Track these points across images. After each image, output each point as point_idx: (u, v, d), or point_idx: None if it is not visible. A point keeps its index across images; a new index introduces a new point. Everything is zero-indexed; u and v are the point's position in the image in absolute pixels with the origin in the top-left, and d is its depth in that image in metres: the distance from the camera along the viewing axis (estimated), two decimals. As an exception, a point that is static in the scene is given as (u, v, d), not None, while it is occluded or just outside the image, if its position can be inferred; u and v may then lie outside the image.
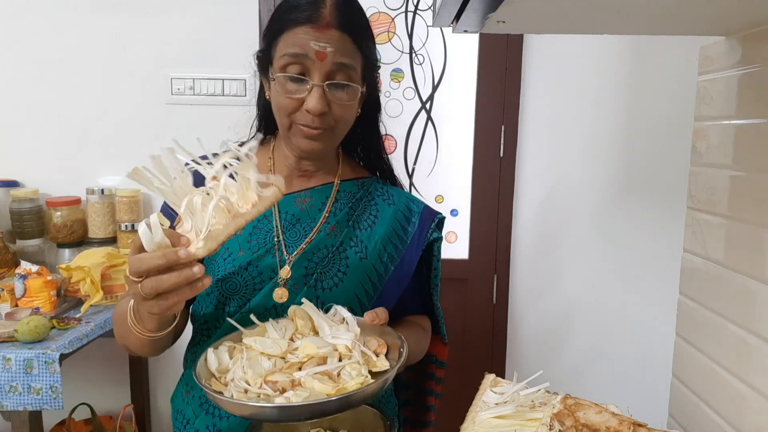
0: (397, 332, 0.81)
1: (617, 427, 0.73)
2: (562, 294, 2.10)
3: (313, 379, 0.69)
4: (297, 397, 0.66)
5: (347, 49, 0.85)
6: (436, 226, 1.01)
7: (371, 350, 0.77)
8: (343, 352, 0.75)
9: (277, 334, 0.79)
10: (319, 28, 0.82)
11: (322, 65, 0.83)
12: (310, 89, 0.84)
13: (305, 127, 0.86)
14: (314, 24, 0.82)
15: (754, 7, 0.77)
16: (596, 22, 0.85)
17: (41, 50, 1.98)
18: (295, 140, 0.89)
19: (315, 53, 0.82)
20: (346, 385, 0.69)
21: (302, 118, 0.86)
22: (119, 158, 2.03)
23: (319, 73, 0.83)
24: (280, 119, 0.89)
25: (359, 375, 0.71)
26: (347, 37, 0.84)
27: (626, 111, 1.99)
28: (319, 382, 0.69)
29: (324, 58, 0.83)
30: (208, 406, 0.89)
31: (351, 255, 0.93)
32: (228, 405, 0.67)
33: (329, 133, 0.89)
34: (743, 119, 0.92)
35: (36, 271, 1.62)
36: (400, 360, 0.74)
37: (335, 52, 0.83)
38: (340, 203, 0.96)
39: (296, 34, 0.83)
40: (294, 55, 0.83)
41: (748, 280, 0.88)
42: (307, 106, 0.84)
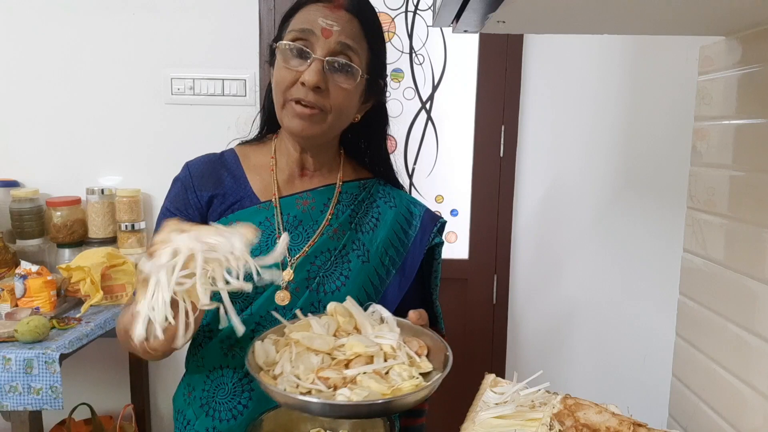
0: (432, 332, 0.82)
1: (617, 427, 0.73)
2: (562, 294, 2.10)
3: (369, 379, 0.69)
4: (357, 396, 0.67)
5: (354, 32, 0.86)
6: (438, 231, 1.01)
7: (413, 351, 0.78)
8: (387, 352, 0.76)
9: (322, 329, 0.79)
10: (329, 7, 0.84)
11: (326, 42, 0.84)
12: (309, 63, 0.84)
13: (297, 103, 0.85)
14: (326, 2, 0.84)
15: (754, 7, 0.77)
16: (596, 22, 0.85)
17: (41, 50, 1.98)
18: (287, 120, 0.88)
19: (321, 30, 0.83)
20: (400, 386, 0.70)
21: (296, 92, 0.85)
22: (119, 158, 2.03)
23: (322, 49, 0.84)
24: (276, 97, 0.89)
25: (411, 377, 0.72)
26: (356, 21, 0.86)
27: (626, 111, 1.99)
28: (375, 381, 0.69)
29: (329, 35, 0.84)
30: (209, 408, 0.89)
31: (353, 259, 0.93)
32: (287, 399, 0.68)
33: (322, 117, 0.87)
34: (743, 119, 0.92)
35: (36, 271, 1.62)
36: (448, 364, 0.74)
37: (341, 32, 0.84)
38: (342, 205, 0.96)
39: (308, 11, 0.85)
40: (301, 30, 0.84)
41: (748, 280, 0.88)
42: (303, 77, 0.83)
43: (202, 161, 0.97)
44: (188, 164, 0.97)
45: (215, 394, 0.89)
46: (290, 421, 0.84)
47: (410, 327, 0.82)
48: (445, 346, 0.78)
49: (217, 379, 0.90)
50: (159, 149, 1.99)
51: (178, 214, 0.92)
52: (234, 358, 0.89)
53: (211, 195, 0.93)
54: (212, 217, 0.93)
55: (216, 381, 0.90)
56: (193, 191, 0.93)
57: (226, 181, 0.95)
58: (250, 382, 0.88)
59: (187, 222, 0.73)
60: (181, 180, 0.95)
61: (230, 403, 0.88)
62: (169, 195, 0.96)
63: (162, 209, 0.96)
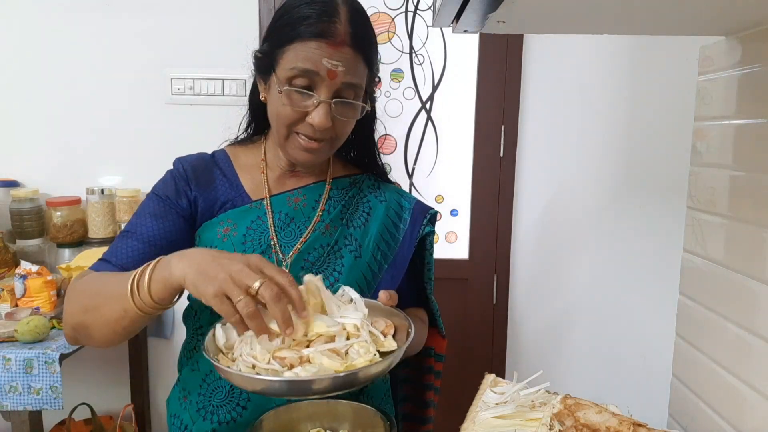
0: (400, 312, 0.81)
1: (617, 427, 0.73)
2: (562, 294, 2.10)
3: (321, 356, 0.69)
4: (306, 372, 0.67)
5: (358, 69, 0.84)
6: (429, 221, 1.01)
7: (379, 330, 0.77)
8: (351, 332, 0.75)
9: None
10: (332, 45, 0.80)
11: (332, 83, 0.82)
12: (316, 104, 0.83)
13: (305, 138, 0.86)
14: (328, 40, 0.80)
15: (754, 7, 0.77)
16: (596, 22, 0.85)
17: (41, 50, 1.98)
18: (291, 151, 0.89)
19: (327, 72, 0.81)
20: (355, 362, 0.70)
21: (304, 129, 0.85)
22: (119, 158, 2.03)
23: (328, 90, 0.82)
24: (277, 128, 0.87)
25: (367, 353, 0.72)
26: (359, 56, 0.83)
27: (626, 111, 1.99)
28: (328, 358, 0.69)
29: (335, 77, 0.81)
30: (206, 412, 0.89)
31: (346, 254, 0.93)
32: (237, 379, 0.67)
33: (327, 146, 0.89)
34: (743, 119, 0.91)
35: (36, 271, 1.62)
36: (408, 339, 0.74)
37: (346, 72, 0.82)
38: (333, 201, 0.97)
39: (308, 48, 0.80)
40: (304, 70, 0.81)
41: (748, 280, 0.88)
42: (312, 120, 0.83)
43: (194, 158, 0.97)
44: (180, 159, 0.97)
45: (212, 398, 0.89)
46: (290, 421, 0.84)
47: (381, 308, 0.81)
48: (409, 324, 0.78)
49: (214, 382, 0.89)
50: (159, 149, 1.97)
51: (167, 201, 0.91)
52: None
53: (203, 193, 0.93)
54: (204, 216, 0.92)
55: (212, 384, 0.89)
56: (185, 182, 0.93)
57: (218, 179, 0.95)
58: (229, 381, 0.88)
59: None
60: (174, 172, 0.95)
61: (228, 406, 0.88)
62: (159, 183, 0.95)
63: (149, 195, 0.94)
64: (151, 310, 0.73)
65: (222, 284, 0.65)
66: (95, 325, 0.78)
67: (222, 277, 0.65)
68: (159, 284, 0.71)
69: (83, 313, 0.79)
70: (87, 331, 0.80)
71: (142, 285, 0.72)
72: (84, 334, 0.81)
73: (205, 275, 0.66)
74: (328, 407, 0.85)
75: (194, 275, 0.67)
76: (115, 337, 0.79)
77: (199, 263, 0.68)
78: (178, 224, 0.90)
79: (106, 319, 0.76)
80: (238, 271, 0.66)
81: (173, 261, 0.70)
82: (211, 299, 0.66)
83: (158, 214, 0.90)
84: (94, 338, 0.80)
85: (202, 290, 0.66)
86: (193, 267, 0.68)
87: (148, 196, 0.94)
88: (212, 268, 0.66)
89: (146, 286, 0.71)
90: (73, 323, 0.81)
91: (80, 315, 0.80)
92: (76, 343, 0.85)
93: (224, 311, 0.65)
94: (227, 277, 0.65)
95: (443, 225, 2.08)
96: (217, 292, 0.65)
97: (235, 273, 0.65)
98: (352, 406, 0.85)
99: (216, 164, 0.97)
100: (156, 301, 0.72)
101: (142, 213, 0.91)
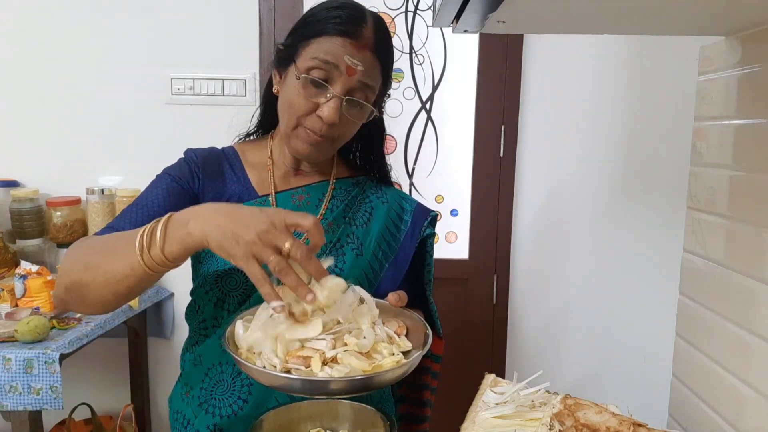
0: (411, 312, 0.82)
1: (617, 427, 0.74)
2: (563, 294, 2.10)
3: (350, 356, 0.70)
4: (338, 373, 0.67)
5: (374, 74, 0.87)
6: (429, 223, 1.02)
7: (392, 331, 0.78)
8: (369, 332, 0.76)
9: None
10: (356, 46, 0.84)
11: (349, 80, 0.84)
12: (329, 98, 0.85)
13: (311, 132, 0.87)
14: (353, 40, 0.83)
15: (754, 7, 0.77)
16: (596, 22, 0.85)
17: (41, 50, 1.98)
18: (294, 142, 0.90)
19: (346, 67, 0.84)
20: (381, 363, 0.70)
21: (311, 123, 0.87)
22: (119, 158, 2.03)
23: (343, 86, 0.85)
24: (287, 117, 0.89)
25: (391, 354, 0.72)
26: (378, 63, 0.87)
27: (626, 111, 1.99)
28: (356, 359, 0.70)
29: (353, 74, 0.84)
30: (208, 405, 0.89)
31: (348, 252, 0.94)
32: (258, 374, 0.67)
33: (329, 144, 0.90)
34: (743, 119, 0.92)
35: (36, 271, 1.62)
36: (427, 343, 0.75)
37: (364, 72, 0.85)
38: (337, 200, 0.98)
39: (333, 43, 0.83)
40: (325, 62, 0.84)
41: (748, 280, 0.88)
42: (322, 113, 0.85)
43: (205, 150, 0.99)
44: (192, 150, 0.99)
45: (214, 391, 0.89)
46: (290, 421, 0.84)
47: (389, 308, 0.82)
48: (424, 325, 0.79)
49: (216, 376, 0.90)
50: (159, 149, 1.96)
51: (180, 181, 0.92)
52: None
53: (212, 184, 0.94)
54: None
55: (214, 378, 0.90)
56: (198, 168, 0.95)
57: (227, 172, 0.97)
58: (249, 377, 0.88)
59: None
60: (187, 159, 0.97)
61: (230, 399, 0.88)
62: (171, 166, 0.96)
63: (159, 174, 0.94)
64: (162, 268, 0.71)
65: (251, 246, 0.64)
66: (94, 283, 0.74)
67: (250, 238, 0.64)
68: (175, 244, 0.69)
69: (83, 270, 0.75)
70: (82, 291, 0.75)
71: (154, 243, 0.69)
72: (77, 295, 0.76)
73: (232, 236, 0.65)
74: (328, 407, 0.85)
75: (219, 236, 0.66)
76: (112, 300, 0.76)
77: (221, 223, 0.66)
78: (188, 204, 0.90)
79: (108, 278, 0.73)
80: (266, 231, 0.65)
81: (190, 221, 0.68)
82: (240, 260, 0.65)
83: (170, 191, 0.90)
84: (87, 300, 0.76)
85: (230, 251, 0.65)
86: (214, 227, 0.66)
87: (158, 175, 0.94)
88: (238, 229, 0.65)
89: (159, 245, 0.69)
90: (67, 282, 0.77)
91: (78, 272, 0.75)
92: (64, 306, 0.81)
93: (252, 272, 0.65)
94: (255, 238, 0.65)
95: (443, 225, 2.08)
96: (246, 253, 0.65)
97: (263, 234, 0.65)
98: (352, 406, 0.85)
99: (226, 158, 0.98)
100: (170, 259, 0.70)
101: (153, 188, 0.91)
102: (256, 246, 0.65)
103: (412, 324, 0.81)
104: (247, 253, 0.65)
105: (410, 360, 0.71)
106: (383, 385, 0.70)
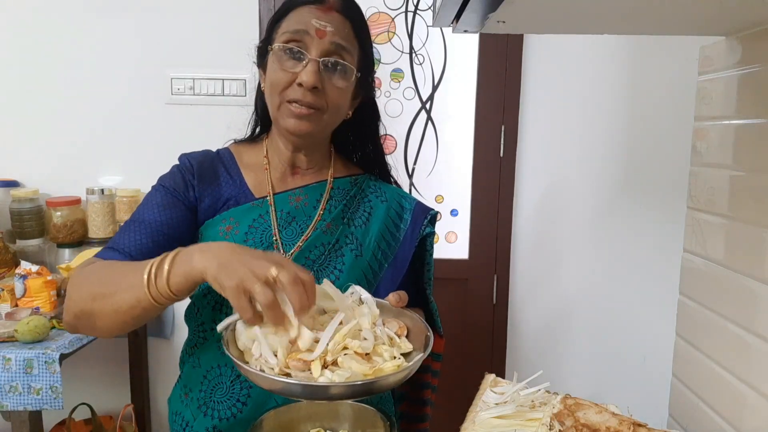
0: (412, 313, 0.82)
1: (617, 427, 0.74)
2: (562, 294, 2.10)
3: (351, 359, 0.69)
4: (339, 378, 0.67)
5: (346, 34, 0.89)
6: (429, 222, 1.02)
7: (393, 332, 0.77)
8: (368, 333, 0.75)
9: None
10: (321, 9, 0.87)
11: (321, 42, 0.86)
12: (305, 64, 0.86)
13: (295, 103, 0.87)
14: (318, 5, 0.87)
15: (754, 7, 0.77)
16: (596, 22, 0.85)
17: (41, 50, 1.98)
18: (283, 121, 0.89)
19: (315, 30, 0.86)
20: (382, 367, 0.70)
21: (293, 93, 0.87)
22: (119, 158, 2.03)
23: (317, 49, 0.86)
24: (271, 98, 0.90)
25: (392, 357, 0.72)
26: (347, 23, 0.89)
27: (626, 111, 1.99)
28: (357, 362, 0.69)
29: (323, 35, 0.86)
30: (207, 408, 0.89)
31: (347, 252, 0.94)
32: (256, 378, 0.67)
33: (318, 116, 0.89)
34: (743, 119, 0.92)
35: (36, 271, 1.62)
36: (429, 345, 0.74)
37: (335, 32, 0.87)
38: (335, 200, 0.97)
39: (299, 13, 0.87)
40: (295, 31, 0.86)
41: (748, 280, 0.88)
42: (301, 78, 0.85)
43: (199, 154, 0.99)
44: (185, 155, 0.98)
45: (213, 394, 0.89)
46: (290, 421, 0.84)
47: (390, 309, 0.81)
48: (425, 327, 0.78)
49: (215, 378, 0.90)
50: (159, 149, 1.97)
51: (175, 192, 0.92)
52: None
53: (207, 189, 0.94)
54: (208, 213, 0.93)
55: (213, 381, 0.90)
56: (192, 176, 0.94)
57: (223, 176, 0.96)
58: (248, 380, 0.88)
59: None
60: (180, 166, 0.97)
61: (229, 402, 0.88)
62: (165, 176, 0.96)
63: (155, 186, 0.95)
64: (167, 301, 0.73)
65: (242, 277, 0.65)
66: (103, 313, 0.76)
67: (243, 271, 0.65)
68: (180, 277, 0.70)
69: (91, 301, 0.77)
70: (91, 320, 0.78)
71: (161, 275, 0.71)
72: (87, 323, 0.79)
73: (227, 269, 0.66)
74: (328, 407, 0.85)
75: (216, 269, 0.67)
76: (120, 327, 0.78)
77: (221, 257, 0.68)
78: (185, 215, 0.91)
79: (115, 308, 0.75)
80: (259, 265, 0.66)
81: (195, 254, 0.70)
82: (228, 292, 0.66)
83: (166, 204, 0.90)
84: (96, 327, 0.79)
85: (222, 283, 0.66)
86: (214, 260, 0.68)
87: (154, 187, 0.95)
88: (234, 262, 0.66)
89: (165, 278, 0.71)
90: (77, 310, 0.79)
91: (87, 302, 0.78)
92: (75, 331, 0.84)
93: (240, 307, 0.66)
94: (248, 270, 0.65)
95: (443, 225, 2.08)
96: (237, 286, 0.65)
97: (256, 267, 0.66)
98: (352, 406, 0.85)
99: (221, 161, 0.98)
100: (174, 292, 0.71)
101: (148, 202, 0.92)
102: (246, 276, 0.65)
103: (413, 325, 0.80)
104: (237, 285, 0.65)
105: (411, 364, 0.70)
106: (384, 389, 0.70)
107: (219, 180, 0.95)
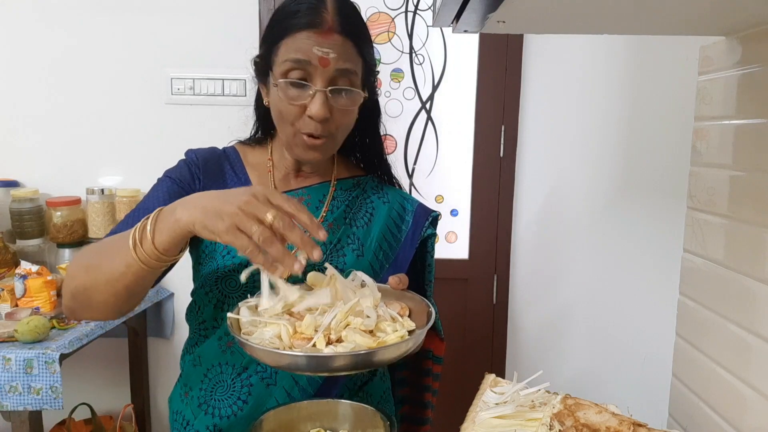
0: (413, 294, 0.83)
1: (617, 427, 0.74)
2: (563, 294, 2.10)
3: (354, 333, 0.70)
4: (343, 349, 0.67)
5: (349, 55, 0.84)
6: (431, 224, 1.02)
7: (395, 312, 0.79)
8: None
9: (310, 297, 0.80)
10: (321, 34, 0.82)
11: (325, 71, 0.83)
12: (312, 95, 0.83)
13: (308, 137, 0.86)
14: (316, 29, 0.82)
15: (754, 7, 0.77)
16: (596, 22, 0.85)
17: (41, 50, 1.98)
18: (297, 150, 0.90)
19: (318, 59, 0.82)
20: (385, 339, 0.71)
21: (305, 126, 0.85)
22: (119, 158, 2.03)
23: (322, 79, 0.83)
24: (283, 128, 0.88)
25: (395, 331, 0.73)
26: (349, 42, 0.84)
27: (626, 111, 1.99)
28: (360, 336, 0.70)
29: (327, 64, 0.82)
30: (207, 406, 0.89)
31: (348, 253, 0.94)
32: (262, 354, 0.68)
33: (330, 141, 0.89)
34: (743, 119, 0.92)
35: (36, 271, 1.62)
36: (431, 319, 0.75)
37: (338, 58, 0.83)
38: (337, 201, 0.98)
39: (298, 40, 0.82)
40: (296, 60, 0.82)
41: (748, 280, 0.88)
42: (310, 111, 0.83)
43: (206, 151, 0.99)
44: (193, 150, 0.98)
45: (213, 392, 0.89)
46: (290, 421, 0.84)
47: (391, 292, 0.83)
48: (427, 304, 0.79)
49: (216, 377, 0.90)
50: (159, 149, 1.99)
51: (181, 183, 0.92)
52: (232, 354, 0.89)
53: (213, 185, 0.94)
54: None
55: (214, 379, 0.90)
56: (198, 169, 0.95)
57: (228, 174, 0.96)
58: (249, 377, 0.88)
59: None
60: (187, 160, 0.97)
61: (229, 400, 0.88)
62: (172, 169, 0.96)
63: (161, 178, 0.95)
64: (156, 262, 0.71)
65: (233, 218, 0.64)
66: (96, 285, 0.75)
67: (232, 210, 0.64)
68: (164, 234, 0.69)
69: (84, 273, 0.77)
70: (86, 294, 0.77)
71: (145, 236, 0.70)
72: (83, 300, 0.78)
73: (215, 213, 0.65)
74: (328, 407, 0.85)
75: (203, 216, 0.66)
76: (115, 303, 0.77)
77: (205, 205, 0.67)
78: None
79: (107, 277, 0.74)
80: (247, 202, 0.65)
81: (177, 209, 0.69)
82: (224, 235, 0.65)
83: (172, 194, 0.90)
84: (93, 304, 0.78)
85: (214, 228, 0.65)
86: (199, 209, 0.67)
87: (160, 179, 0.94)
88: (221, 205, 0.66)
89: (150, 237, 0.69)
90: (72, 287, 0.78)
91: (81, 276, 0.77)
92: (73, 315, 0.82)
93: (239, 244, 0.64)
94: (237, 210, 0.64)
95: (443, 225, 2.08)
96: (230, 227, 0.64)
97: (245, 205, 0.65)
98: (353, 406, 0.85)
99: (227, 159, 0.98)
100: (161, 251, 0.70)
101: (155, 192, 0.91)
102: (237, 217, 0.64)
103: (414, 305, 0.81)
104: (230, 226, 0.64)
105: (414, 335, 0.71)
106: (388, 361, 0.70)
107: (225, 177, 0.96)
